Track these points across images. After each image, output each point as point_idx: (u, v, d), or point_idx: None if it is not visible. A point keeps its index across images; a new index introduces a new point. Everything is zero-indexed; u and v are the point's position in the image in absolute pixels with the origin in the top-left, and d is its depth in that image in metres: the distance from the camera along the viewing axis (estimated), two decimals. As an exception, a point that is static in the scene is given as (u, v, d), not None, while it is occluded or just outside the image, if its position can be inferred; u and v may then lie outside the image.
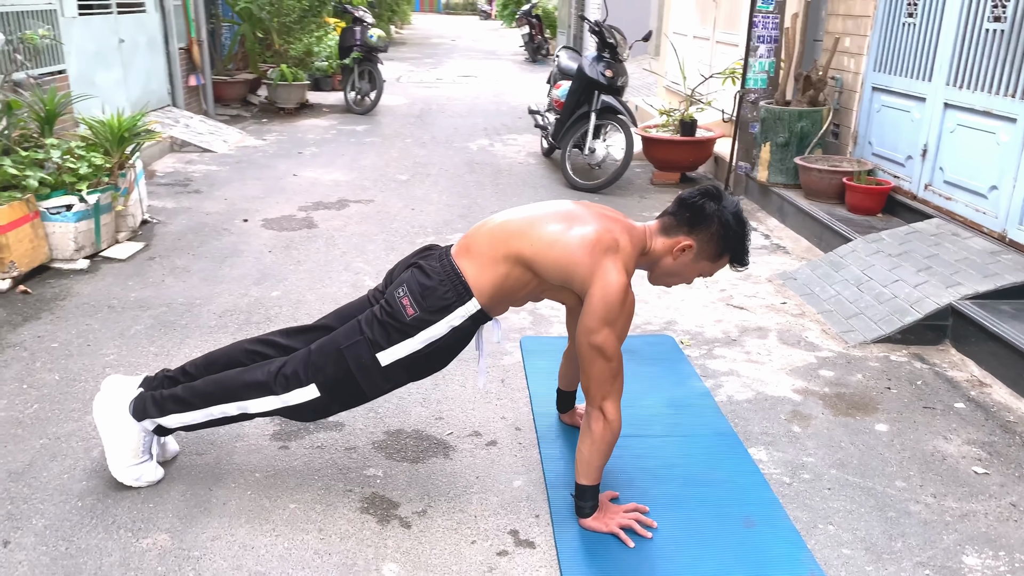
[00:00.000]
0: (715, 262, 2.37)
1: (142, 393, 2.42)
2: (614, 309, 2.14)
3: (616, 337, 2.17)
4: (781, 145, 5.47)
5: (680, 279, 2.41)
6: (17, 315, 3.66)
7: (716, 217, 2.28)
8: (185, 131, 7.57)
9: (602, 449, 2.23)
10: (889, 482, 2.60)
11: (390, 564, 2.19)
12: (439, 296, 2.22)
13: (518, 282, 2.26)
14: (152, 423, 2.40)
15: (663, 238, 2.33)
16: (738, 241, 2.33)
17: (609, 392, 2.21)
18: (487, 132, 8.76)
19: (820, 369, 3.37)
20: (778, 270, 4.53)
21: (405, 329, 2.23)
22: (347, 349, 2.26)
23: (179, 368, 2.51)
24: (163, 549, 2.21)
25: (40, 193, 4.17)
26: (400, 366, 2.27)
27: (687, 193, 2.33)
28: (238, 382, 2.35)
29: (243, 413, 2.36)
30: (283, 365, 2.32)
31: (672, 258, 2.32)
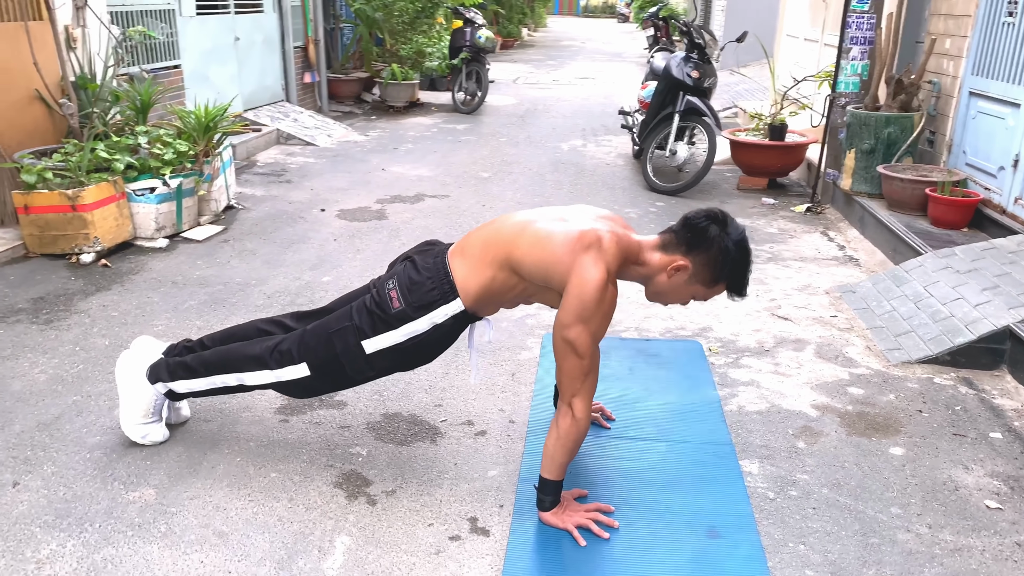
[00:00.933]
0: (710, 288, 2.31)
1: (160, 359, 2.61)
2: (589, 306, 2.13)
3: (590, 334, 2.15)
4: (866, 152, 5.19)
5: (673, 299, 2.37)
6: (92, 286, 4.01)
7: (717, 242, 2.23)
8: (292, 125, 7.99)
9: (567, 446, 2.22)
10: (884, 507, 2.44)
11: (344, 537, 2.27)
12: (424, 292, 2.29)
13: (504, 285, 2.29)
14: (164, 387, 2.59)
15: (660, 254, 2.29)
16: (737, 270, 2.27)
17: (579, 390, 2.20)
18: (584, 133, 8.75)
19: (850, 386, 3.19)
20: (840, 283, 4.30)
21: (389, 320, 2.30)
22: (335, 334, 2.36)
23: (199, 339, 2.69)
24: (146, 503, 2.38)
25: (128, 176, 4.54)
26: (383, 355, 2.35)
27: (693, 213, 2.29)
28: (238, 355, 2.50)
29: (240, 384, 2.51)
30: (280, 342, 2.45)
31: (666, 276, 2.29)
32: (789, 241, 5.05)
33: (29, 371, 3.13)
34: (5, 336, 3.42)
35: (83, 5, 5.11)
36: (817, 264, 4.62)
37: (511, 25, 20.97)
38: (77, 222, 4.23)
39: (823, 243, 5.03)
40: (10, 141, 4.71)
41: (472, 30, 9.92)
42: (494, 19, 19.05)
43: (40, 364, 3.19)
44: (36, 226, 4.27)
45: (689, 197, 6.09)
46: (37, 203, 4.22)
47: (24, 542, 2.20)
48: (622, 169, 7.02)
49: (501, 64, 15.95)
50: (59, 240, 4.28)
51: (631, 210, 5.69)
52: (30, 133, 4.90)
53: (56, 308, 3.72)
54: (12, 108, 4.76)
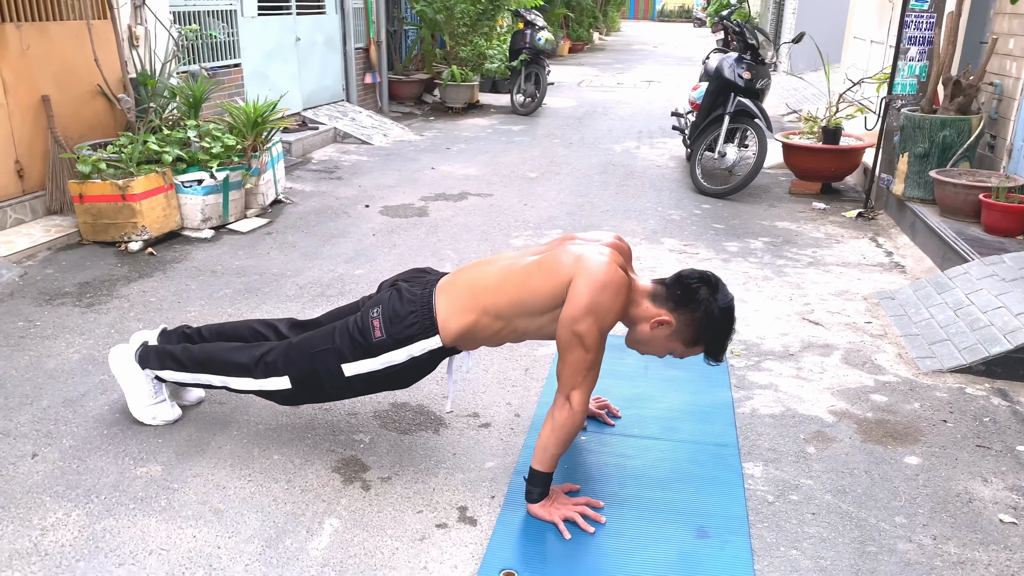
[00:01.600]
0: (688, 347, 2.32)
1: (150, 345, 2.71)
2: (598, 298, 2.14)
3: (598, 329, 2.15)
4: (920, 156, 5.00)
5: (650, 350, 2.38)
6: (135, 272, 4.18)
7: (704, 305, 2.24)
8: (350, 124, 8.16)
9: (560, 438, 2.22)
10: (888, 516, 2.35)
11: (333, 519, 2.31)
12: (405, 325, 2.33)
13: (488, 329, 2.32)
14: (152, 373, 2.68)
15: (648, 303, 2.29)
16: (717, 336, 2.28)
17: (580, 383, 2.20)
18: (639, 135, 8.67)
19: (874, 393, 3.08)
20: (881, 289, 4.16)
21: (369, 348, 2.35)
22: (317, 354, 2.42)
23: (196, 328, 2.78)
24: (151, 478, 2.47)
25: (177, 168, 4.71)
26: (361, 379, 2.40)
27: (687, 271, 2.31)
28: (225, 360, 2.56)
29: (225, 387, 2.59)
30: (267, 352, 2.51)
31: (649, 327, 2.29)
32: (834, 246, 4.90)
33: (64, 351, 3.29)
34: (49, 317, 3.60)
35: (141, 4, 5.34)
36: (860, 270, 4.48)
37: (581, 29, 20.92)
38: (126, 211, 4.42)
39: (870, 249, 4.87)
40: (72, 133, 4.96)
41: (532, 32, 9.95)
42: (563, 23, 19.03)
43: (76, 344, 3.34)
44: (90, 214, 4.48)
45: (737, 200, 5.98)
46: (91, 192, 4.42)
47: (33, 510, 2.31)
48: (672, 172, 6.93)
49: (567, 67, 15.95)
50: (110, 228, 4.48)
51: (675, 212, 5.62)
52: (92, 127, 5.14)
53: (99, 293, 3.89)
54: (76, 102, 5.01)
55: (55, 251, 4.44)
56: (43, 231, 4.56)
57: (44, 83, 4.77)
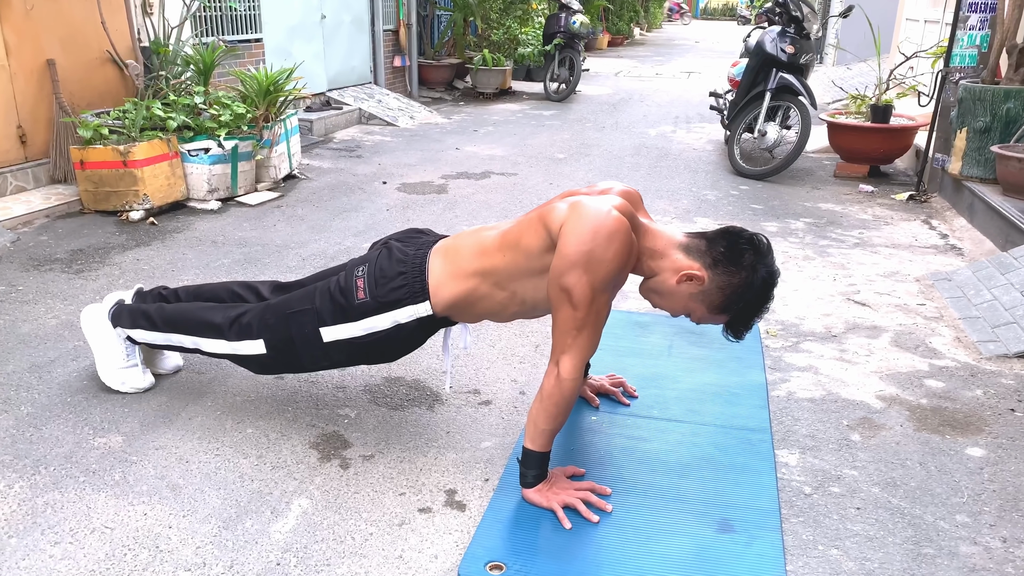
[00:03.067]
0: (711, 313, 1.98)
1: (124, 304, 2.46)
2: (589, 248, 1.81)
3: (589, 283, 1.83)
4: (980, 131, 4.58)
5: (666, 305, 2.03)
6: (133, 241, 3.97)
7: (745, 272, 1.91)
8: (376, 106, 7.93)
9: (550, 410, 1.91)
10: (948, 514, 2.01)
11: (303, 500, 2.03)
12: (392, 288, 2.05)
13: (489, 299, 2.04)
14: (123, 332, 2.43)
15: (681, 254, 1.96)
16: (747, 309, 1.95)
17: (570, 346, 1.88)
18: (676, 120, 8.30)
19: (928, 379, 2.72)
20: (936, 271, 3.77)
21: (349, 311, 2.08)
22: (293, 315, 2.15)
23: (173, 290, 2.53)
24: (109, 449, 2.22)
25: (183, 136, 4.50)
26: (339, 347, 2.13)
27: (736, 228, 1.97)
28: (199, 319, 2.31)
29: (197, 348, 2.33)
30: (243, 314, 2.25)
31: (676, 280, 1.94)
32: (883, 228, 4.52)
33: (42, 316, 3.07)
34: (33, 282, 3.39)
35: (154, -31, 5.15)
36: (911, 251, 4.09)
37: (620, 22, 20.52)
38: (128, 179, 4.21)
39: (923, 231, 4.47)
40: (80, 100, 4.77)
41: (567, 15, 9.64)
42: (603, 15, 18.65)
43: (55, 310, 3.12)
44: (91, 182, 4.28)
45: (777, 182, 5.61)
46: (92, 158, 4.22)
47: (-28, 478, 2.07)
48: (710, 154, 6.57)
49: (605, 59, 15.60)
50: (111, 197, 4.28)
51: (710, 192, 5.27)
52: (101, 94, 4.95)
53: (91, 260, 3.67)
54: (84, 68, 4.82)
55: (53, 219, 4.24)
56: (43, 199, 4.37)
57: (49, 46, 4.58)
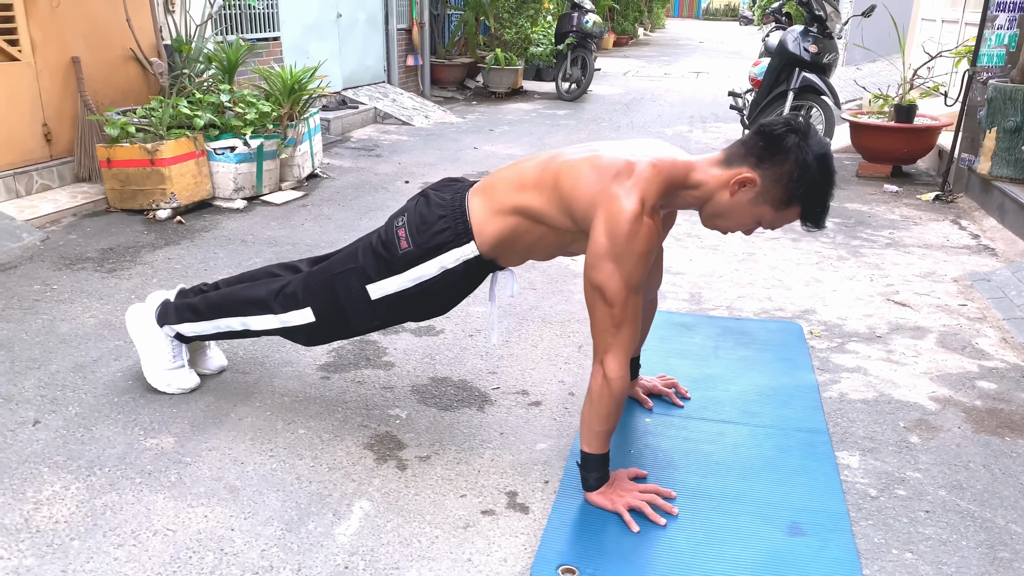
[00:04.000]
0: (779, 210, 1.88)
1: (167, 300, 2.43)
2: (619, 241, 1.78)
3: (621, 277, 1.79)
4: (1010, 131, 4.56)
5: (733, 223, 1.95)
6: (162, 240, 3.94)
7: (794, 153, 1.81)
8: (391, 105, 7.90)
9: (601, 412, 1.88)
10: (1019, 517, 1.98)
11: (363, 501, 2.00)
12: (434, 232, 2.00)
13: (529, 234, 1.99)
14: (171, 329, 2.41)
15: (721, 169, 1.90)
16: (814, 191, 1.84)
17: (611, 344, 1.85)
18: (691, 120, 8.28)
19: (980, 380, 2.70)
20: (972, 271, 3.75)
21: (394, 264, 2.04)
22: (339, 276, 2.12)
23: (213, 284, 2.50)
24: (162, 451, 2.19)
25: (209, 135, 4.47)
26: (389, 303, 2.08)
27: (769, 120, 1.90)
28: (242, 297, 2.29)
29: (246, 329, 2.30)
30: (285, 285, 2.23)
31: (728, 193, 1.88)
32: (913, 228, 4.50)
33: (80, 315, 3.04)
34: (67, 281, 3.36)
35: (178, -34, 5.12)
36: (944, 252, 4.07)
37: (626, 22, 20.49)
38: (155, 177, 4.18)
39: (953, 231, 4.45)
40: (104, 98, 4.74)
41: (579, 15, 9.62)
42: (608, 14, 18.63)
43: (92, 309, 3.09)
44: (117, 180, 4.25)
45: (801, 182, 5.57)
46: (118, 157, 4.19)
47: (28, 481, 2.04)
48: (729, 154, 6.53)
49: (613, 59, 15.58)
50: (138, 195, 4.24)
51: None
52: (124, 92, 4.93)
53: (122, 259, 3.64)
54: (108, 65, 4.79)
55: (80, 217, 4.21)
56: (69, 197, 4.34)
57: (74, 44, 4.55)
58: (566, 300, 3.30)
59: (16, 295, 3.20)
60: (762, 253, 4.00)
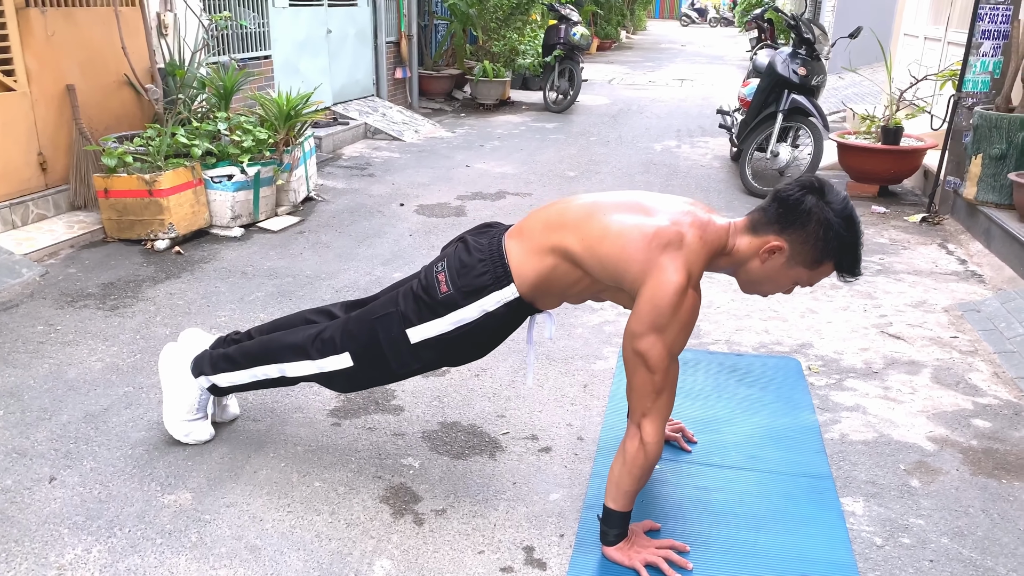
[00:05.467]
0: (813, 269, 1.96)
1: (204, 351, 2.45)
2: (664, 313, 1.84)
3: (665, 346, 1.86)
4: (996, 158, 4.66)
5: (772, 287, 2.03)
6: (162, 272, 3.94)
7: (815, 214, 1.89)
8: (381, 120, 7.91)
9: (634, 473, 1.94)
10: (1019, 565, 2.05)
11: (384, 560, 2.04)
12: (475, 276, 2.04)
13: (567, 277, 2.02)
14: (207, 381, 2.42)
15: (750, 237, 1.97)
16: (845, 245, 1.91)
17: (650, 409, 1.91)
18: (679, 134, 8.36)
19: (975, 418, 2.77)
20: (961, 300, 3.84)
21: (436, 307, 2.07)
22: (379, 320, 2.14)
23: (247, 332, 2.52)
24: (180, 508, 2.22)
25: (206, 163, 4.47)
26: (429, 346, 2.11)
27: (784, 185, 1.97)
28: (280, 344, 2.31)
29: (283, 376, 2.32)
30: (323, 330, 2.25)
31: (760, 261, 1.96)
32: (902, 253, 4.59)
33: (87, 358, 3.05)
34: (70, 321, 3.36)
35: (172, -9, 5.11)
36: (934, 279, 4.16)
37: (609, 27, 20.58)
38: (153, 207, 4.19)
39: (941, 256, 4.54)
40: (98, 124, 4.73)
41: (567, 27, 9.66)
42: (592, 20, 18.70)
43: (98, 351, 3.10)
44: (115, 210, 4.25)
45: (790, 202, 5.65)
46: (116, 187, 4.19)
47: (50, 544, 2.06)
48: (718, 171, 6.62)
49: (596, 65, 15.64)
50: (136, 225, 4.25)
51: (726, 215, 5.30)
52: (118, 118, 4.92)
53: (124, 295, 3.65)
54: (102, 92, 4.78)
55: (78, 249, 4.21)
56: (66, 227, 4.33)
57: (69, 71, 4.54)
58: (568, 335, 3.35)
59: (20, 336, 3.20)
60: (757, 282, 4.06)
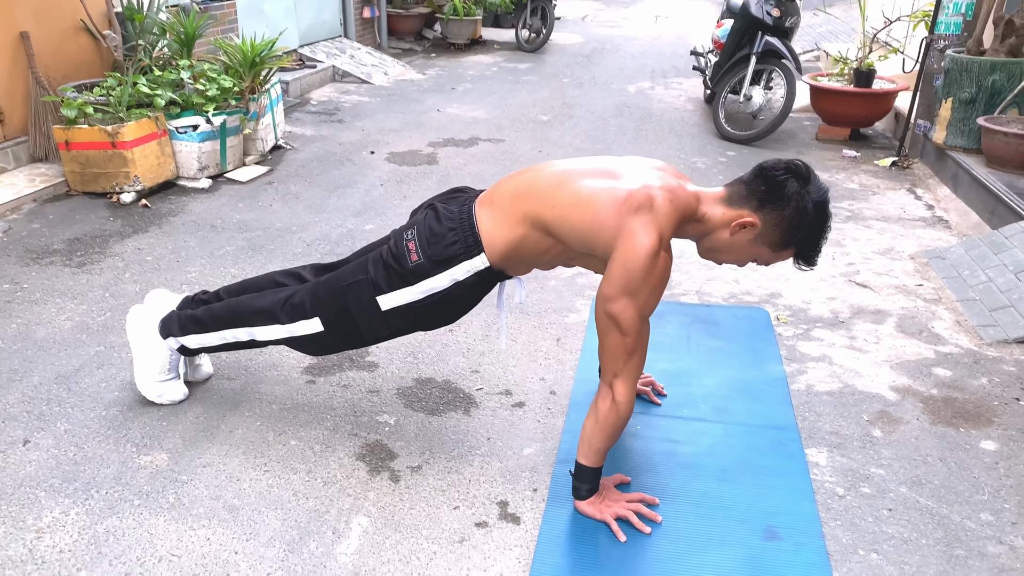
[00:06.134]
0: (776, 251, 2.00)
1: (172, 312, 2.44)
2: (636, 276, 1.86)
3: (636, 309, 1.88)
4: (966, 102, 4.68)
5: (729, 258, 2.06)
6: (130, 227, 3.89)
7: (794, 200, 1.91)
8: (349, 62, 7.74)
9: (606, 431, 1.98)
10: (973, 513, 2.14)
11: (361, 518, 2.08)
12: (445, 245, 2.03)
13: (537, 246, 2.03)
14: (176, 342, 2.42)
15: (724, 207, 1.99)
16: (811, 236, 1.95)
17: (622, 370, 1.94)
18: (653, 74, 8.28)
19: (936, 367, 2.85)
20: (928, 246, 3.90)
21: (406, 276, 2.06)
22: (349, 287, 2.13)
23: (215, 292, 2.50)
24: (157, 469, 2.24)
25: (170, 113, 4.37)
26: (399, 313, 2.11)
27: (771, 163, 1.97)
28: (249, 308, 2.30)
29: (252, 339, 2.32)
30: (292, 295, 2.24)
31: (728, 232, 1.98)
32: (871, 198, 4.63)
33: (55, 318, 3.02)
34: (37, 279, 3.32)
35: (127, -69, 4.91)
36: (902, 225, 4.21)
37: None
38: (117, 160, 4.10)
39: (909, 201, 4.59)
40: (55, 73, 4.59)
41: (539, -38, 9.43)
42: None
43: (67, 310, 3.07)
44: (77, 163, 4.15)
45: (763, 146, 5.67)
46: (78, 139, 4.09)
47: (27, 507, 2.07)
48: (692, 114, 6.59)
49: (570, 1, 15.34)
50: (100, 178, 4.16)
51: (699, 159, 5.31)
52: (76, 65, 4.77)
53: (91, 250, 3.60)
54: (58, 39, 4.62)
55: (41, 203, 4.12)
56: (27, 180, 4.23)
57: (23, 18, 4.38)
58: (541, 288, 3.36)
59: (-14, 296, 3.16)
60: (728, 230, 4.09)
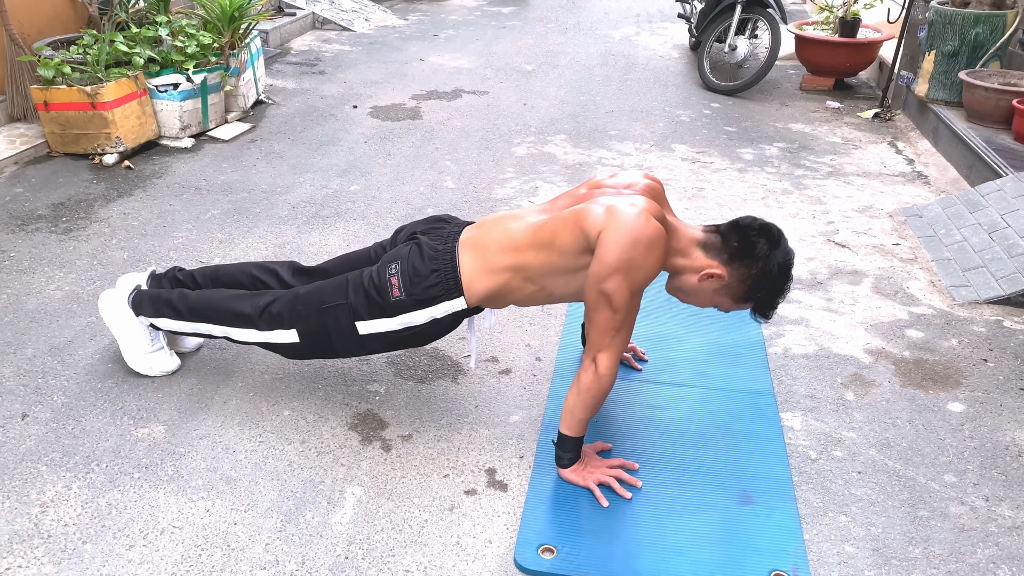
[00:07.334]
0: (736, 303, 2.14)
1: (142, 290, 2.47)
2: (627, 252, 1.92)
3: (628, 287, 1.95)
4: (948, 55, 4.69)
5: (693, 300, 2.20)
6: (114, 190, 3.88)
7: (761, 261, 2.03)
8: (328, 8, 7.60)
9: (588, 402, 2.06)
10: (937, 474, 2.25)
11: (355, 487, 2.17)
12: (427, 286, 2.12)
13: (519, 291, 2.14)
14: (146, 320, 2.46)
15: (699, 253, 2.09)
16: (770, 296, 2.09)
17: (608, 345, 2.01)
18: (638, 19, 8.18)
19: (909, 328, 2.94)
20: (906, 203, 3.96)
21: (386, 308, 2.15)
22: (328, 310, 2.20)
23: (188, 272, 2.54)
24: (154, 441, 2.30)
25: (149, 71, 4.32)
26: (376, 338, 2.21)
27: (748, 220, 2.08)
28: (227, 309, 2.34)
29: (227, 337, 2.37)
30: (271, 303, 2.28)
31: (697, 279, 2.09)
32: (853, 153, 4.67)
33: (45, 287, 3.04)
34: (24, 246, 3.33)
35: None
36: (882, 181, 4.27)
37: None
38: (98, 121, 4.06)
39: (890, 156, 4.64)
40: (30, 29, 4.50)
41: (522, -99, 9.20)
42: None
43: (56, 279, 3.10)
44: (57, 124, 4.11)
45: (747, 97, 5.67)
46: (56, 99, 4.04)
47: (30, 482, 2.14)
48: (676, 63, 6.55)
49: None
50: (81, 139, 4.13)
51: (683, 112, 5.31)
52: (51, 20, 4.68)
53: (76, 215, 3.60)
54: (30, -6, 4.52)
55: (23, 165, 4.10)
56: (7, 142, 4.19)
57: (-6, -27, 4.27)
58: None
59: (-26, 265, 3.18)
60: (711, 188, 4.14)
